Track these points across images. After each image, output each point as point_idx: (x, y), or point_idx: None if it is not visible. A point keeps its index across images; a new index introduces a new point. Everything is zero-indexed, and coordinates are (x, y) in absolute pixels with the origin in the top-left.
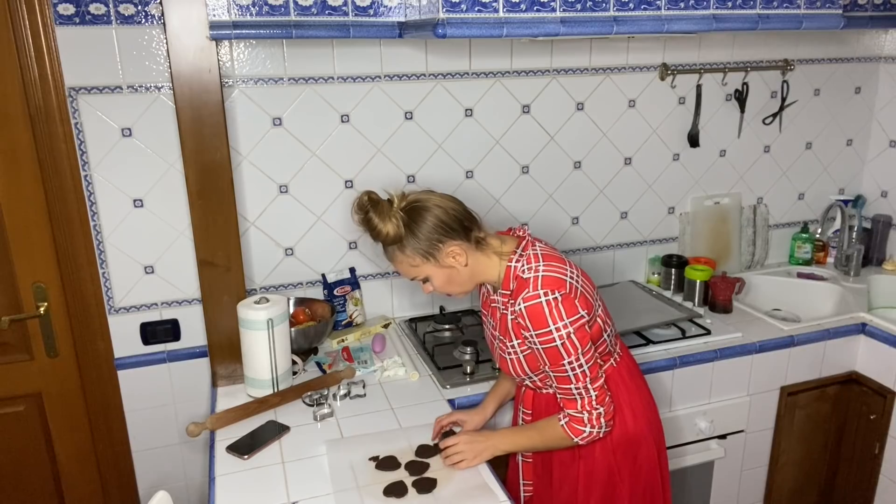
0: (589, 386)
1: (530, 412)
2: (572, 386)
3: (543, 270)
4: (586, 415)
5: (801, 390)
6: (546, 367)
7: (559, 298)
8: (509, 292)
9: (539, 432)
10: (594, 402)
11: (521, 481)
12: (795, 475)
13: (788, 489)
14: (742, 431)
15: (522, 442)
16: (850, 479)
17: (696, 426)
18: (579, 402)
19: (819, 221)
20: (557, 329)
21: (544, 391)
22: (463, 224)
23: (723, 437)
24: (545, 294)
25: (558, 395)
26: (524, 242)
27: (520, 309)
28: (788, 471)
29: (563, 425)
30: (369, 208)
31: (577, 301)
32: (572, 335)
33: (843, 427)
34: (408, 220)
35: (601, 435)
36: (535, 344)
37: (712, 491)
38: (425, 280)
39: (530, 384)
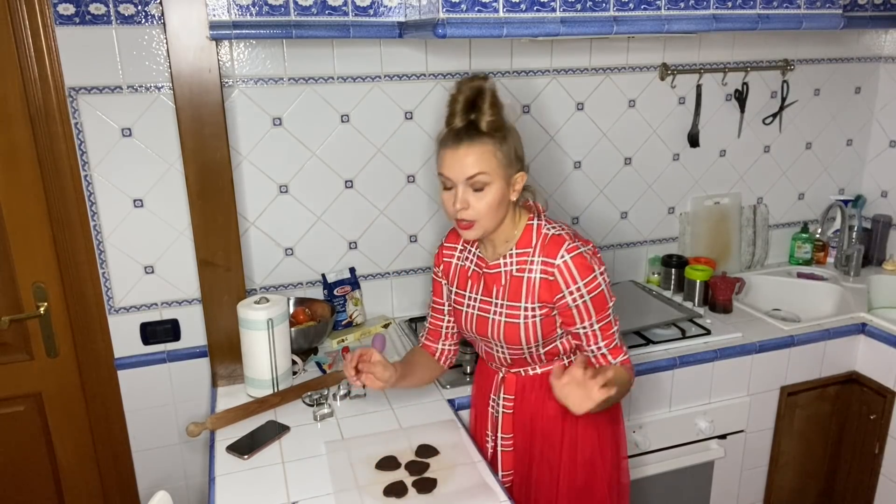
0: (619, 332)
1: (513, 397)
2: (613, 330)
3: (568, 229)
4: (628, 355)
5: (801, 390)
6: (588, 321)
7: (593, 250)
8: (530, 249)
9: (621, 379)
10: (625, 349)
11: (501, 473)
12: (795, 475)
13: (788, 489)
14: (742, 431)
15: (618, 394)
16: (850, 479)
17: (696, 426)
18: (621, 345)
19: (819, 221)
20: (601, 274)
21: (531, 371)
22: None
23: (723, 437)
24: (583, 245)
25: (604, 353)
26: (540, 209)
27: (563, 261)
28: (788, 471)
29: (626, 369)
30: (495, 90)
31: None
32: (607, 281)
33: (843, 427)
34: (509, 126)
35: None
36: (583, 296)
37: (712, 491)
38: (481, 188)
39: (528, 357)
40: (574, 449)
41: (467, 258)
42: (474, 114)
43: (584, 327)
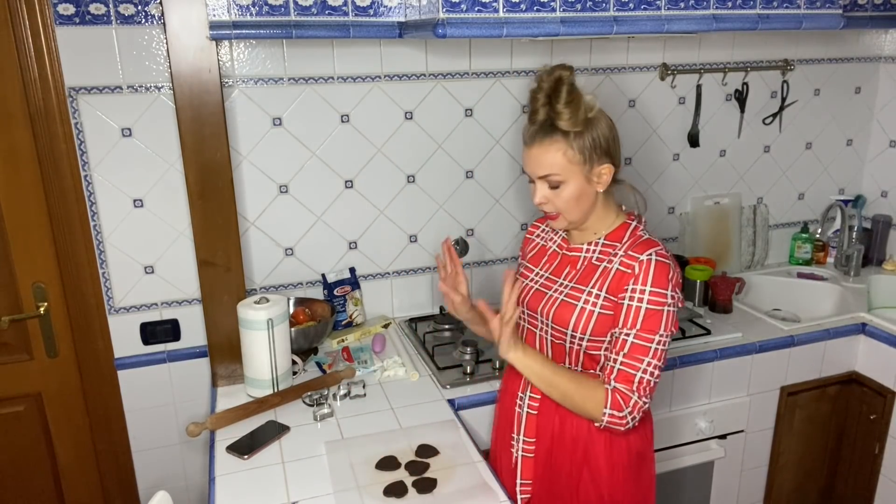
0: (657, 370)
1: (539, 397)
2: (646, 360)
3: (664, 247)
4: (634, 397)
5: (801, 390)
6: (630, 328)
7: (678, 275)
8: (618, 244)
9: (572, 376)
10: (646, 391)
11: (519, 481)
12: (795, 475)
13: (788, 489)
14: (742, 431)
15: (545, 372)
16: (850, 479)
17: (696, 426)
18: (637, 382)
19: (819, 221)
20: (672, 297)
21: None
22: (619, 155)
23: (723, 437)
24: (672, 263)
25: (616, 367)
26: (643, 218)
27: (648, 258)
28: (788, 471)
29: (608, 389)
30: (573, 82)
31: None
32: (675, 310)
33: (843, 427)
34: (591, 118)
35: (624, 428)
36: (641, 301)
37: (712, 491)
38: (556, 186)
39: (568, 349)
40: (592, 466)
41: (552, 238)
42: (565, 109)
43: (622, 332)
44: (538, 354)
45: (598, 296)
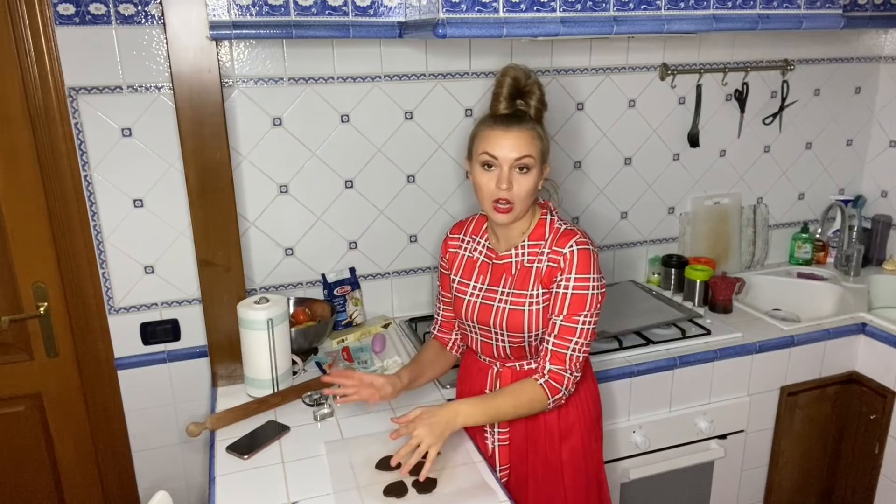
0: (585, 346)
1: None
2: (573, 340)
3: (580, 230)
4: (567, 375)
5: (801, 390)
6: (558, 315)
7: (598, 255)
8: (543, 241)
9: (510, 395)
10: (577, 366)
11: (498, 468)
12: (795, 475)
13: (788, 489)
14: (742, 431)
15: (490, 411)
16: (850, 479)
17: (696, 426)
18: (568, 360)
19: (819, 221)
20: (594, 280)
21: (527, 366)
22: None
23: (723, 437)
24: (592, 245)
25: (549, 349)
26: (551, 206)
27: (570, 251)
28: (788, 471)
29: (541, 384)
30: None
31: None
32: (599, 292)
33: (843, 427)
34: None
35: (563, 402)
36: (567, 288)
37: (712, 491)
38: (526, 170)
39: (527, 347)
40: (569, 442)
41: (476, 249)
42: (522, 100)
43: (553, 317)
44: (470, 404)
45: (537, 295)
